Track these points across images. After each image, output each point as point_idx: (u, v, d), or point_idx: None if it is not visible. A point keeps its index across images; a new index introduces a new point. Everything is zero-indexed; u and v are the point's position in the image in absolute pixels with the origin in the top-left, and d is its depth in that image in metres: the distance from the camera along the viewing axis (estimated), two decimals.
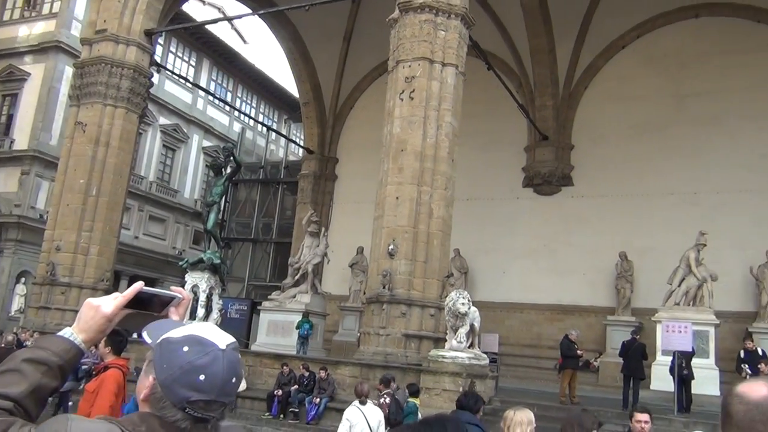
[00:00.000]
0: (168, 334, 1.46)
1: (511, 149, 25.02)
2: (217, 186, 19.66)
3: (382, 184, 15.27)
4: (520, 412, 4.12)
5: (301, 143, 31.25)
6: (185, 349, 1.41)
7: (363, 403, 7.45)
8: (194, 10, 33.20)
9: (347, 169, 28.63)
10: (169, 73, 29.84)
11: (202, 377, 1.38)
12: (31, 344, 1.69)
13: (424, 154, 14.93)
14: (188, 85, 31.98)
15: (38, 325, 18.13)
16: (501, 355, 19.68)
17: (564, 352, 15.23)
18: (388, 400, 10.51)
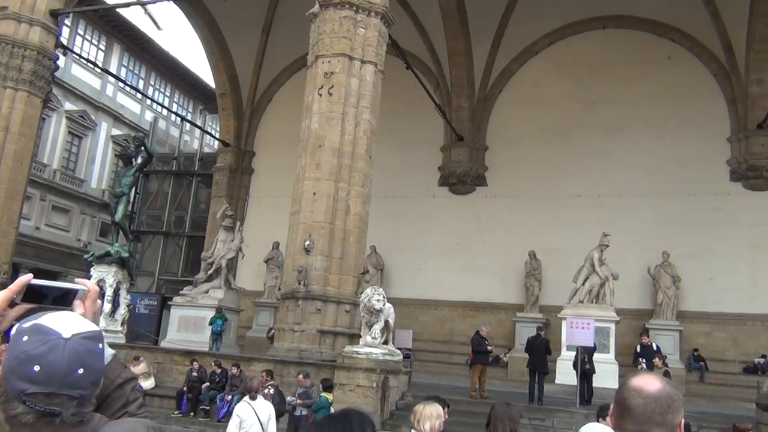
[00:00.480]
0: (20, 323, 1.37)
1: (428, 148, 25.43)
2: (127, 176, 18.95)
3: (299, 179, 15.18)
4: (429, 406, 4.21)
5: (217, 135, 30.54)
6: (24, 338, 1.32)
7: (253, 399, 7.49)
8: None
9: (264, 163, 28.23)
10: (77, 57, 28.43)
11: (36, 368, 1.28)
12: None
13: (341, 150, 14.95)
14: (97, 70, 30.49)
15: None
16: (415, 351, 20.01)
17: (474, 347, 15.65)
18: (272, 391, 10.62)
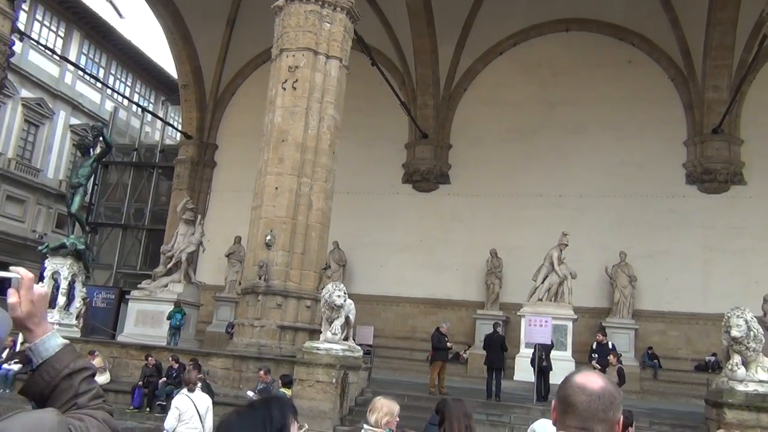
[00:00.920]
0: None
1: (392, 145, 25.48)
2: (84, 167, 18.46)
3: (262, 173, 15.06)
4: (385, 401, 4.24)
5: (179, 127, 30.08)
6: None
7: (191, 391, 7.55)
8: None
9: (227, 156, 27.91)
10: (34, 43, 27.65)
11: None
12: None
13: (305, 145, 14.88)
14: (55, 57, 29.75)
15: None
16: (376, 347, 20.03)
17: (434, 344, 15.73)
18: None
